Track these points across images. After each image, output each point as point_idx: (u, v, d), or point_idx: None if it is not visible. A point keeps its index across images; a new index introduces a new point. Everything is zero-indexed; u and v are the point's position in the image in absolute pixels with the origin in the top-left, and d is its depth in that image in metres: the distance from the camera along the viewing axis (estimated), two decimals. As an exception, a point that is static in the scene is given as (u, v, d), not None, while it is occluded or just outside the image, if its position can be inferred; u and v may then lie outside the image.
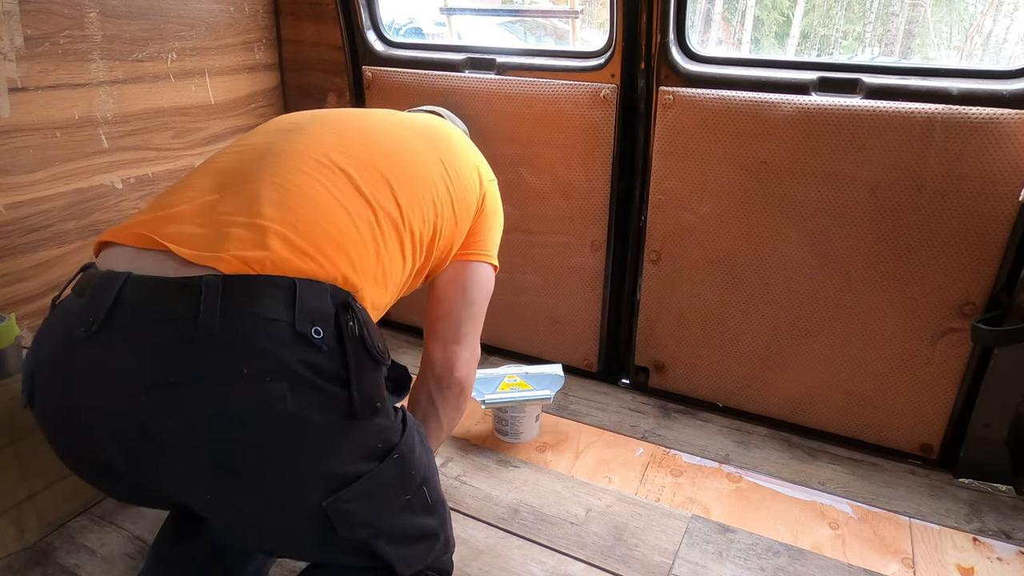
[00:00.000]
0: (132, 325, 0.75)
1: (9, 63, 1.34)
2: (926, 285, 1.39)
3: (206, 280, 0.75)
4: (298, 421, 0.76)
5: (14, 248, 1.41)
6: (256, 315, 0.75)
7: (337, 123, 1.05)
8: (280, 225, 0.83)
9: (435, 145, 1.12)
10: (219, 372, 0.73)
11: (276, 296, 0.77)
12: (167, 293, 0.75)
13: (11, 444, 1.22)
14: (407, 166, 1.03)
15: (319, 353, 0.78)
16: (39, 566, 1.22)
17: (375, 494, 0.85)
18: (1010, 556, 1.26)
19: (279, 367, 0.75)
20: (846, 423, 1.57)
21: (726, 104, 1.45)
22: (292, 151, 0.94)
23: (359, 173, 0.95)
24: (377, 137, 1.05)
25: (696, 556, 1.25)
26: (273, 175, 0.90)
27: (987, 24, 9.04)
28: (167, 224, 0.83)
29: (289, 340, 0.76)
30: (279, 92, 2.01)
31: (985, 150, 1.27)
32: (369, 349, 0.82)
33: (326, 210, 0.88)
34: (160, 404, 0.73)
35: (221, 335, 0.73)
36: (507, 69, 1.69)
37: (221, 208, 0.85)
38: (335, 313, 0.81)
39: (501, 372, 1.61)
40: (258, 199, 0.86)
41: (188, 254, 0.78)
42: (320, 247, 0.84)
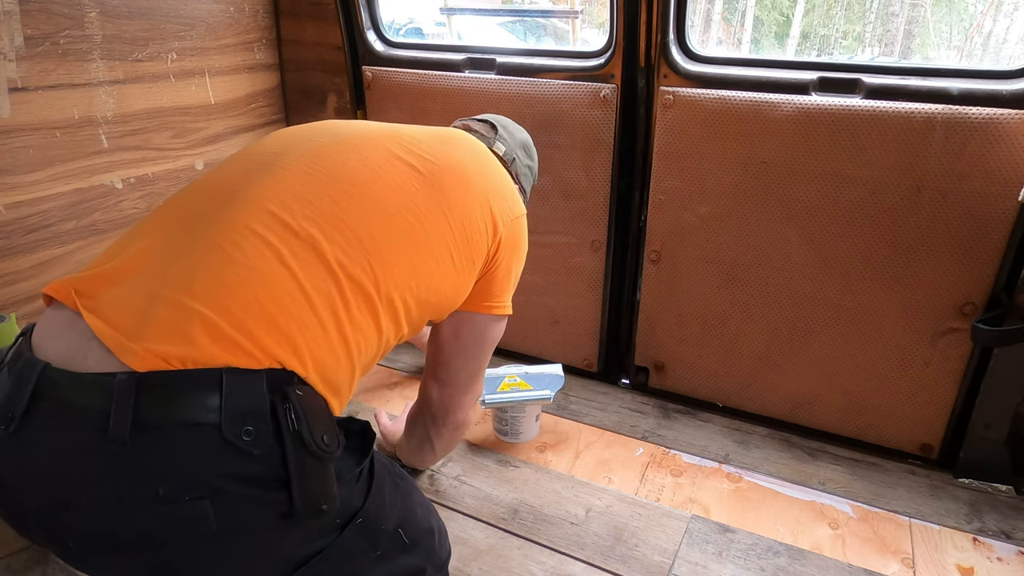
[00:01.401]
0: (47, 429, 0.68)
1: (9, 63, 1.34)
2: (926, 285, 1.39)
3: (118, 381, 0.66)
4: (228, 536, 0.69)
5: (14, 248, 1.42)
6: (172, 422, 0.67)
7: (320, 157, 0.90)
8: (210, 307, 0.72)
9: (439, 190, 0.95)
10: (133, 493, 0.66)
11: (200, 394, 0.68)
12: (80, 392, 0.68)
13: (11, 444, 1.22)
14: (392, 223, 0.89)
15: (248, 459, 0.68)
16: (39, 566, 1.22)
17: (341, 563, 0.79)
18: (1010, 556, 1.26)
19: (200, 484, 0.67)
20: (846, 423, 1.57)
21: (726, 104, 1.45)
22: (255, 197, 0.82)
23: (327, 235, 0.82)
24: (362, 183, 0.89)
25: (696, 556, 1.25)
26: (222, 233, 0.79)
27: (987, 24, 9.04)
28: (104, 287, 0.76)
29: (212, 450, 0.67)
30: (279, 92, 2.01)
31: (985, 150, 1.27)
32: (308, 446, 0.71)
33: (273, 287, 0.76)
34: (77, 523, 0.68)
35: (133, 451, 0.66)
36: (507, 69, 1.69)
37: (159, 270, 0.76)
38: (271, 405, 0.71)
39: (501, 372, 1.61)
40: (196, 266, 0.75)
41: (109, 337, 0.70)
42: (254, 334, 0.73)
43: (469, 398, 1.19)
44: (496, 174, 1.09)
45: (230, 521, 0.68)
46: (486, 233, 1.01)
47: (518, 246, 1.11)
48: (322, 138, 0.96)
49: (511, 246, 1.08)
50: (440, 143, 1.03)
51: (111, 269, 0.78)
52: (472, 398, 1.20)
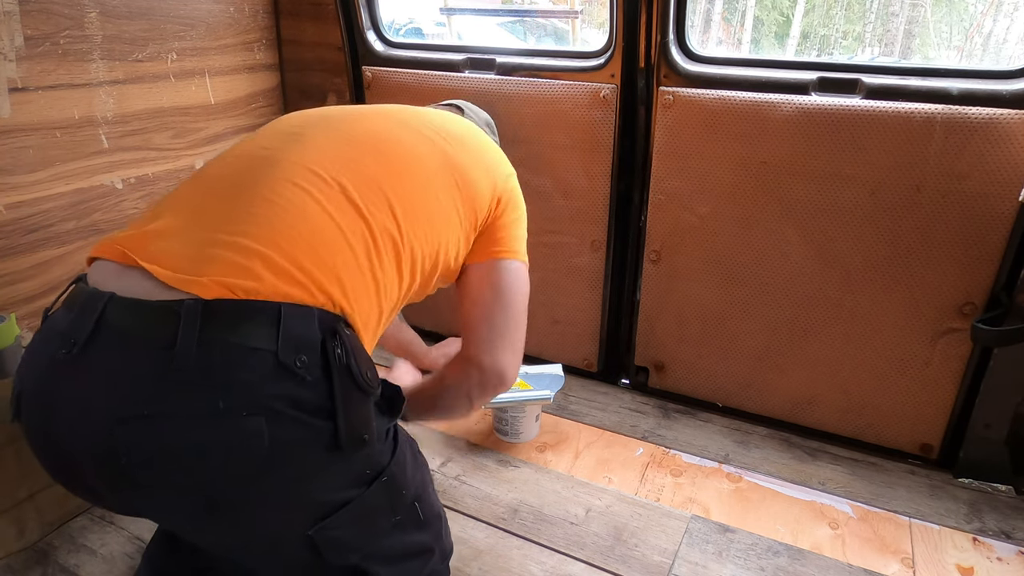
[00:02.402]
0: (111, 349, 0.73)
1: (9, 63, 1.34)
2: (926, 285, 1.39)
3: (186, 306, 0.72)
4: (277, 457, 0.73)
5: (14, 248, 1.42)
6: (236, 345, 0.72)
7: (339, 128, 1.00)
8: (266, 245, 0.79)
9: (444, 151, 1.05)
10: (195, 406, 0.70)
11: (259, 323, 0.73)
12: (147, 317, 0.73)
13: (11, 444, 1.22)
14: (411, 180, 0.97)
15: (302, 385, 0.74)
16: (39, 566, 1.22)
17: (363, 519, 0.83)
18: (1010, 556, 1.26)
19: (257, 402, 0.72)
20: (846, 423, 1.57)
21: (726, 104, 1.45)
22: (287, 160, 0.90)
23: (356, 186, 0.90)
24: (380, 145, 0.99)
25: (696, 556, 1.25)
26: (263, 187, 0.85)
27: (987, 24, 9.04)
28: (152, 241, 0.81)
29: (270, 372, 0.72)
30: (279, 92, 2.01)
31: (985, 150, 1.27)
32: (356, 379, 0.78)
33: (316, 227, 0.83)
34: (135, 436, 0.71)
35: (198, 367, 0.70)
36: (507, 69, 1.69)
37: (207, 224, 0.82)
38: (322, 341, 0.76)
39: (501, 372, 1.61)
40: (245, 215, 0.82)
41: (168, 277, 0.75)
42: (307, 269, 0.79)
43: (514, 357, 1.13)
44: (488, 141, 1.20)
45: (281, 442, 0.72)
46: (487, 188, 1.09)
47: (517, 202, 1.18)
48: (339, 113, 1.06)
49: (509, 201, 1.15)
50: (439, 116, 1.14)
51: (157, 227, 0.83)
52: (518, 358, 1.14)
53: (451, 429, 1.62)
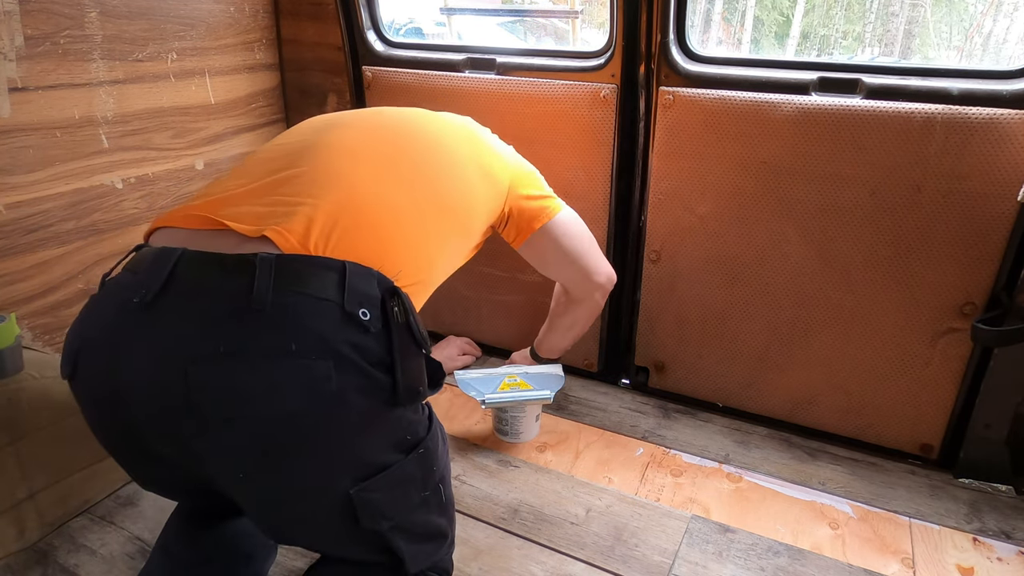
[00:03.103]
0: (185, 297, 0.77)
1: (9, 63, 1.34)
2: (926, 285, 1.39)
3: (260, 257, 0.78)
4: (340, 401, 0.77)
5: (14, 248, 1.42)
6: (307, 294, 0.78)
7: (374, 119, 1.14)
8: (331, 206, 0.87)
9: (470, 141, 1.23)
10: (268, 346, 0.75)
11: (326, 277, 0.80)
12: (222, 269, 0.78)
13: (11, 444, 1.22)
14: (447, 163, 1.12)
15: (366, 334, 0.80)
16: (39, 566, 1.22)
17: (398, 486, 0.87)
18: (1010, 556, 1.26)
19: (326, 346, 0.77)
20: (846, 423, 1.57)
21: (726, 104, 1.45)
22: (336, 143, 1.00)
23: (397, 164, 1.01)
24: (417, 130, 1.14)
25: (696, 556, 1.25)
26: (321, 161, 0.95)
27: (987, 24, 9.04)
28: (223, 206, 0.87)
29: (338, 320, 0.78)
30: (279, 92, 2.01)
31: (985, 150, 1.27)
32: (415, 334, 0.84)
33: (370, 197, 0.92)
34: (207, 374, 0.74)
35: (272, 311, 0.75)
36: (507, 69, 1.69)
37: (278, 190, 0.90)
38: (382, 298, 0.83)
39: (501, 372, 1.61)
40: (307, 183, 0.90)
41: (246, 229, 0.82)
42: (371, 233, 0.89)
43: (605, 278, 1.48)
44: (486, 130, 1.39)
45: (345, 386, 0.77)
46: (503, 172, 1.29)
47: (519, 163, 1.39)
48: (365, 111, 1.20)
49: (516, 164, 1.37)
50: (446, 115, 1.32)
51: (220, 197, 0.91)
52: (607, 274, 1.48)
53: (451, 429, 1.62)
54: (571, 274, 1.45)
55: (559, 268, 1.44)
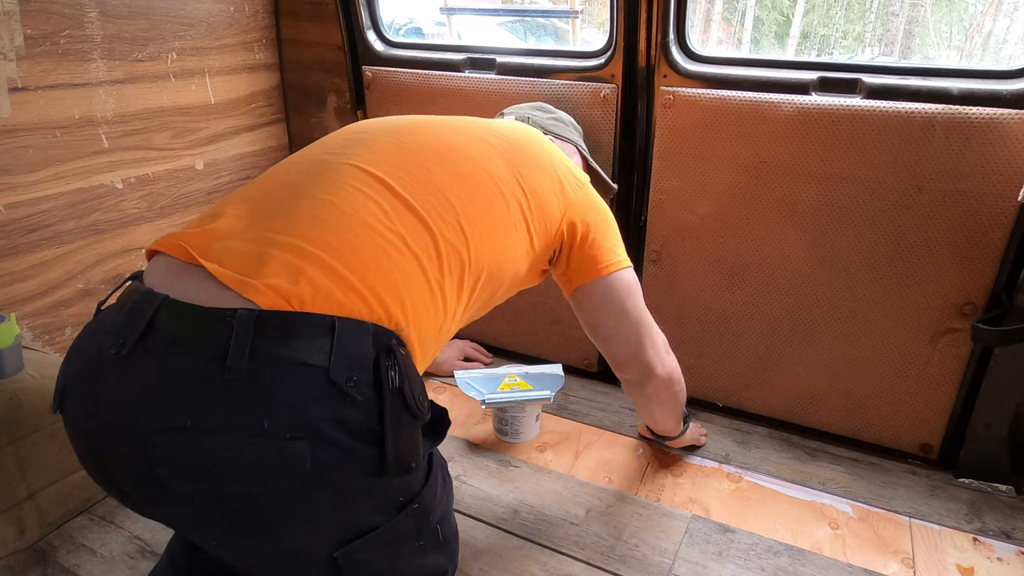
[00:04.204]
0: (161, 354, 0.71)
1: (9, 63, 1.34)
2: (926, 285, 1.39)
3: (239, 316, 0.70)
4: (317, 482, 0.71)
5: (14, 248, 1.42)
6: (287, 360, 0.70)
7: (406, 135, 0.98)
8: (325, 251, 0.77)
9: (512, 162, 1.03)
10: (238, 423, 0.69)
11: (312, 336, 0.71)
12: (200, 324, 0.71)
13: (11, 444, 1.22)
14: (477, 189, 0.95)
15: (352, 406, 0.71)
16: (39, 566, 1.22)
17: (389, 544, 0.81)
18: (1010, 556, 1.26)
19: (303, 424, 0.69)
20: (846, 423, 1.57)
21: (726, 104, 1.45)
22: (351, 165, 0.88)
23: (421, 194, 0.87)
24: (447, 154, 0.97)
25: (696, 556, 1.25)
26: (326, 191, 0.84)
27: (987, 24, 9.04)
28: (214, 239, 0.79)
29: (319, 392, 0.70)
30: (279, 92, 2.01)
31: (985, 150, 1.27)
32: (408, 403, 0.75)
33: (379, 235, 0.81)
34: (173, 446, 0.69)
35: (246, 382, 0.69)
36: (507, 69, 1.68)
37: (268, 224, 0.81)
38: (375, 359, 0.74)
39: (501, 372, 1.61)
40: (307, 218, 0.80)
41: (227, 277, 0.73)
42: (366, 279, 0.77)
43: (655, 352, 1.19)
44: (556, 152, 1.15)
45: (323, 466, 0.70)
46: (556, 199, 1.07)
47: (595, 207, 1.15)
48: (406, 121, 1.05)
49: (588, 209, 1.12)
50: (502, 126, 1.13)
51: (217, 226, 0.82)
52: (659, 348, 1.21)
53: (451, 429, 1.61)
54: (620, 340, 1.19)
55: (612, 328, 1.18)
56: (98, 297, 1.61)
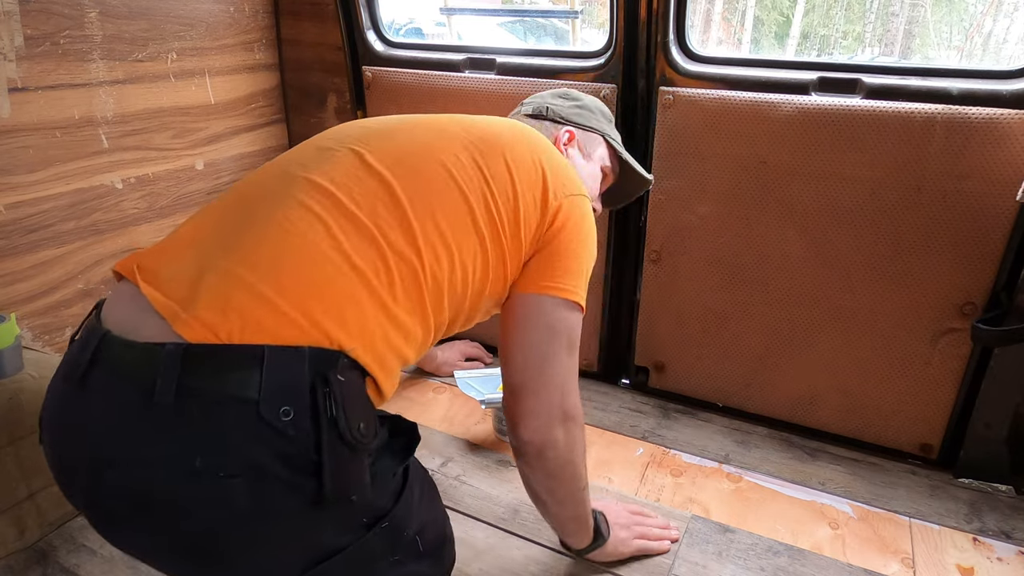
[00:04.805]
0: (100, 392, 0.72)
1: (9, 63, 1.34)
2: (926, 285, 1.39)
3: (167, 351, 0.68)
4: (260, 517, 0.70)
5: (14, 248, 1.42)
6: (215, 396, 0.68)
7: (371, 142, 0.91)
8: (260, 278, 0.73)
9: (486, 162, 0.93)
10: (172, 460, 0.67)
11: (242, 369, 0.68)
12: (133, 360, 0.70)
13: (11, 444, 1.22)
14: (439, 201, 0.87)
15: (283, 439, 0.68)
16: (39, 566, 1.22)
17: (358, 564, 0.78)
18: (1010, 556, 1.26)
19: (237, 462, 0.67)
20: (846, 423, 1.57)
21: (726, 104, 1.45)
22: (306, 179, 0.84)
23: (371, 209, 0.82)
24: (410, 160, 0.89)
25: (696, 556, 1.25)
26: (276, 207, 0.81)
27: (987, 24, 9.05)
28: (162, 260, 0.78)
29: (251, 427, 0.67)
30: (279, 92, 2.01)
31: (985, 150, 1.27)
32: (343, 434, 0.71)
33: (319, 256, 0.77)
34: (116, 482, 0.70)
35: (175, 420, 0.67)
36: (507, 69, 1.69)
37: (213, 246, 0.78)
38: (311, 387, 0.70)
39: (501, 372, 1.61)
40: (249, 241, 0.77)
41: (163, 307, 0.72)
42: (302, 303, 0.73)
43: (537, 407, 0.95)
44: (552, 154, 1.04)
45: (261, 501, 0.69)
46: (535, 206, 0.95)
47: (580, 226, 1.00)
48: (375, 127, 0.98)
49: (570, 224, 0.98)
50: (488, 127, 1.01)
51: (169, 243, 0.82)
52: (545, 411, 0.95)
53: (451, 429, 1.62)
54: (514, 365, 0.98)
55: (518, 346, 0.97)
56: (98, 297, 1.61)
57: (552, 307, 0.96)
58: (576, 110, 1.26)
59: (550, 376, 0.95)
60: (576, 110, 1.26)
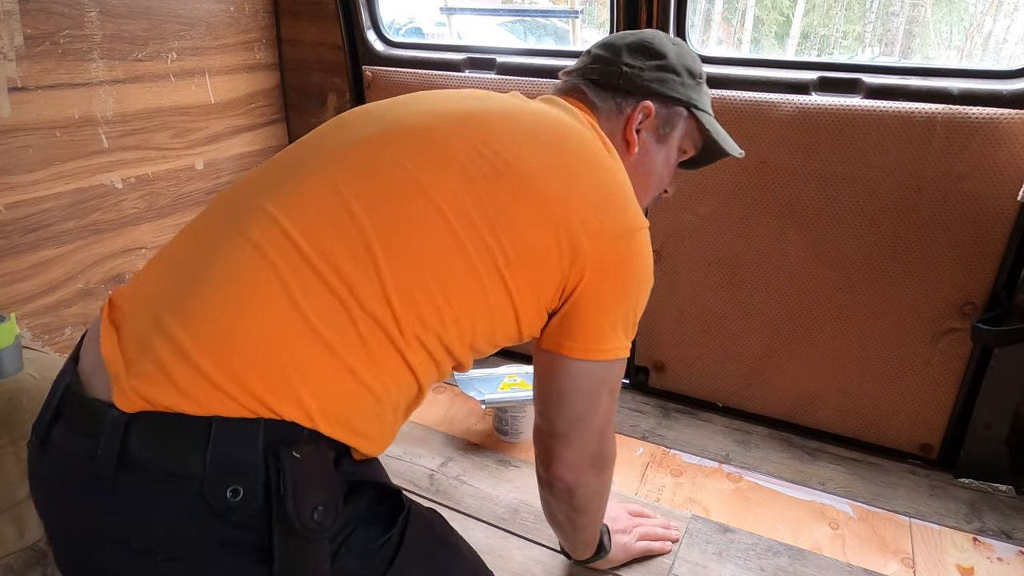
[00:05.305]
0: (56, 451, 0.67)
1: (9, 63, 1.34)
2: (926, 285, 1.39)
3: (111, 418, 0.62)
4: None
5: (14, 248, 1.42)
6: (156, 470, 0.61)
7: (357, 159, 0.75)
8: (200, 345, 0.63)
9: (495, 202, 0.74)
10: (112, 536, 0.62)
11: (187, 442, 0.61)
12: (83, 418, 0.65)
13: (11, 444, 1.22)
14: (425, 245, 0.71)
15: (227, 525, 0.61)
16: (39, 565, 1.22)
17: None
18: (1010, 556, 1.26)
19: (176, 545, 0.61)
20: (846, 423, 1.57)
21: (726, 104, 1.45)
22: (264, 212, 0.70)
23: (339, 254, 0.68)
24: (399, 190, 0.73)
25: (696, 556, 1.25)
26: (226, 245, 0.69)
27: (987, 24, 9.05)
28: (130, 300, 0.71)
29: (191, 509, 0.60)
30: (279, 92, 2.01)
31: (985, 150, 1.27)
32: (291, 521, 0.61)
33: (272, 315, 0.65)
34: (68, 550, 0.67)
35: (114, 494, 0.61)
36: (507, 69, 1.68)
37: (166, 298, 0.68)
38: (265, 463, 0.62)
39: (501, 372, 1.61)
40: (199, 298, 0.66)
41: (111, 363, 0.65)
42: (246, 381, 0.63)
43: (576, 455, 0.89)
44: (594, 179, 0.82)
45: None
46: (557, 255, 0.77)
47: (620, 272, 0.82)
48: (370, 127, 0.80)
49: (604, 272, 0.80)
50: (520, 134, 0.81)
51: (143, 276, 0.74)
52: (580, 457, 0.90)
53: (451, 429, 1.62)
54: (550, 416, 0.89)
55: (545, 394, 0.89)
56: (98, 297, 1.61)
57: (591, 371, 0.85)
58: (658, 73, 0.97)
59: (587, 427, 0.88)
60: (658, 73, 0.97)
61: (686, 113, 1.00)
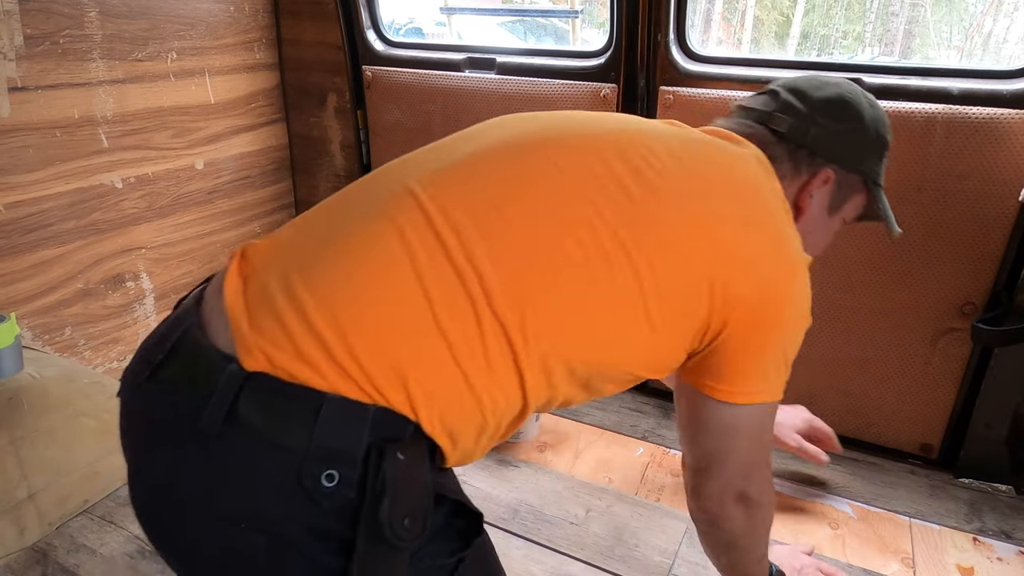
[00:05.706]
0: (161, 392, 0.66)
1: (9, 63, 1.34)
2: (926, 285, 1.39)
3: (228, 373, 0.61)
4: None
5: (14, 247, 1.42)
6: (260, 437, 0.60)
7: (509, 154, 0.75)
8: (326, 318, 0.62)
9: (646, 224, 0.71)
10: (199, 494, 0.62)
11: (294, 416, 0.60)
12: (198, 365, 0.64)
13: (11, 444, 1.22)
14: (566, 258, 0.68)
15: (318, 509, 0.59)
16: (39, 566, 1.22)
17: None
18: (1010, 556, 1.26)
19: (261, 517, 0.60)
20: (846, 423, 1.57)
21: (726, 104, 1.45)
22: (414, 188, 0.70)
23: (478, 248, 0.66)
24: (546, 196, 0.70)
25: (696, 556, 1.24)
26: (364, 221, 0.69)
27: (987, 24, 9.05)
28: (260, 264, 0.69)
29: (287, 485, 0.59)
30: (279, 92, 2.01)
31: (985, 150, 1.27)
32: (382, 527, 0.59)
33: (399, 304, 0.64)
34: (148, 504, 0.67)
35: (214, 450, 0.61)
36: (507, 69, 1.68)
37: (297, 262, 0.67)
38: (366, 454, 0.60)
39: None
40: (330, 268, 0.66)
41: (235, 319, 0.63)
42: (364, 364, 0.61)
43: (719, 489, 0.84)
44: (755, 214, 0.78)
45: (278, 568, 0.62)
46: (697, 297, 0.73)
47: (772, 319, 0.78)
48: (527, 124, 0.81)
49: (755, 318, 0.76)
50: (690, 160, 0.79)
51: (278, 236, 0.73)
52: (725, 492, 0.84)
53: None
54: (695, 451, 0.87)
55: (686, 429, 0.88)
56: (98, 297, 1.61)
57: (733, 413, 0.80)
58: (849, 138, 0.90)
59: (725, 465, 0.84)
60: (849, 138, 0.90)
61: (863, 186, 0.95)
